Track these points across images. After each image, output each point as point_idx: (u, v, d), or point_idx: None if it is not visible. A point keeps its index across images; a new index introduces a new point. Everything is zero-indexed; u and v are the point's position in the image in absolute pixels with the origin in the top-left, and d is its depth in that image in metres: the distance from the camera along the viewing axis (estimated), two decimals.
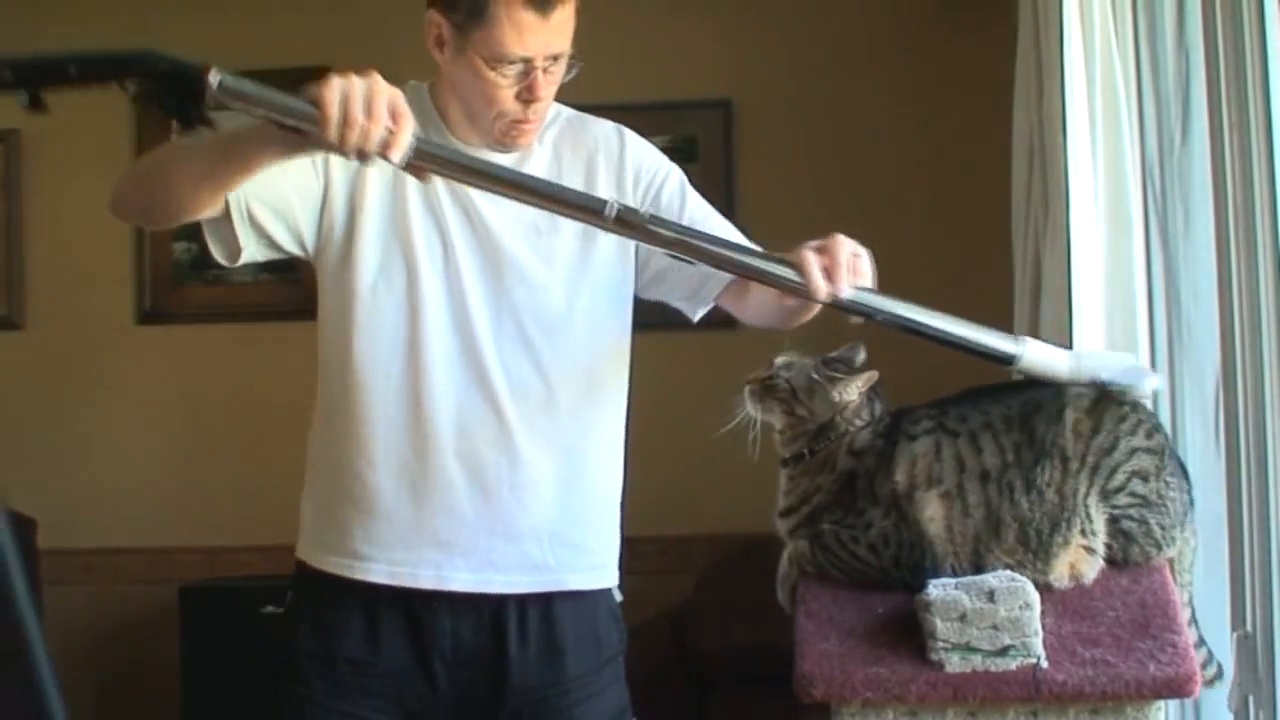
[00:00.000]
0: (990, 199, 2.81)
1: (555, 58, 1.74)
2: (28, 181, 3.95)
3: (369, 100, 1.46)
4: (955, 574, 1.84)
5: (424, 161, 1.54)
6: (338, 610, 1.80)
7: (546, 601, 1.82)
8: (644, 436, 3.65)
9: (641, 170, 1.87)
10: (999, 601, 1.72)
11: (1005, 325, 2.59)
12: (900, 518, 1.86)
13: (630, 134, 1.90)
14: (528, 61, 1.71)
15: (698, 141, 3.77)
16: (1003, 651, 1.71)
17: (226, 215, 1.69)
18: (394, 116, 1.47)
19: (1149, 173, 2.30)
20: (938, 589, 1.76)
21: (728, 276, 1.79)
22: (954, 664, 1.72)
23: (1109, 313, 2.28)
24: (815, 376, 1.95)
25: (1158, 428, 1.91)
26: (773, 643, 2.11)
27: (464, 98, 1.77)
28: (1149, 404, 2.21)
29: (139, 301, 3.84)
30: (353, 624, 1.79)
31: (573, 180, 1.82)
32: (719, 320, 3.79)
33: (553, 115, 1.85)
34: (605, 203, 1.62)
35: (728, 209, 3.69)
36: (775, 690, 2.02)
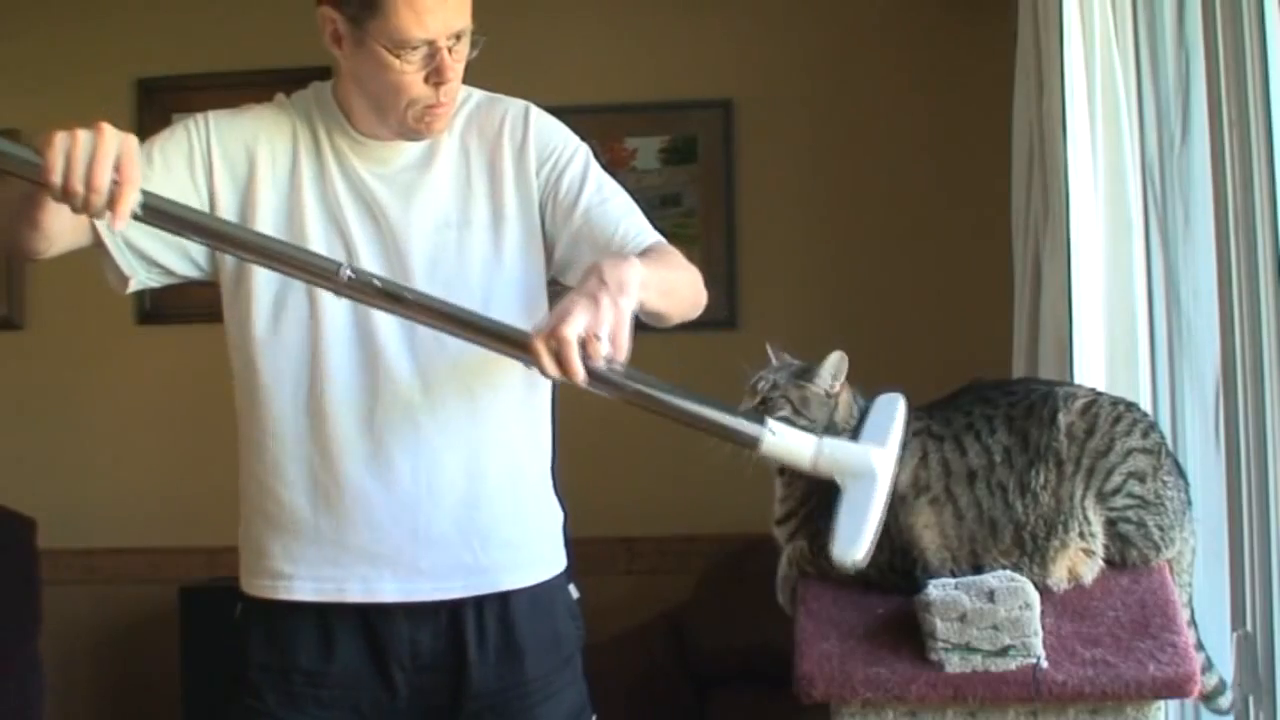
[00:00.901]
0: (990, 199, 2.81)
1: (458, 36, 1.69)
2: None
3: (90, 164, 1.42)
4: (954, 576, 1.84)
5: (154, 217, 1.50)
6: (289, 621, 1.78)
7: (503, 601, 1.79)
8: (644, 437, 3.67)
9: (545, 152, 1.81)
10: (999, 601, 1.72)
11: (1005, 326, 2.60)
12: (892, 519, 1.86)
13: (536, 113, 1.85)
14: (430, 43, 1.66)
15: (698, 141, 3.77)
16: (1003, 651, 1.71)
17: (101, 244, 1.70)
18: (120, 178, 1.43)
19: (1149, 173, 2.30)
20: (938, 589, 1.76)
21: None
22: (954, 664, 1.72)
23: (1109, 313, 2.28)
24: (802, 383, 1.95)
25: (1153, 428, 1.91)
26: (773, 643, 2.11)
27: (371, 92, 1.73)
28: (1146, 399, 2.22)
29: (139, 301, 3.83)
30: (305, 634, 1.77)
31: (478, 167, 1.79)
32: (719, 320, 3.80)
33: (461, 99, 1.81)
34: (338, 266, 1.56)
35: (728, 209, 3.73)
36: (775, 690, 2.02)
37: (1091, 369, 2.23)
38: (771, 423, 1.67)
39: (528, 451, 1.85)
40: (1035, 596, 1.73)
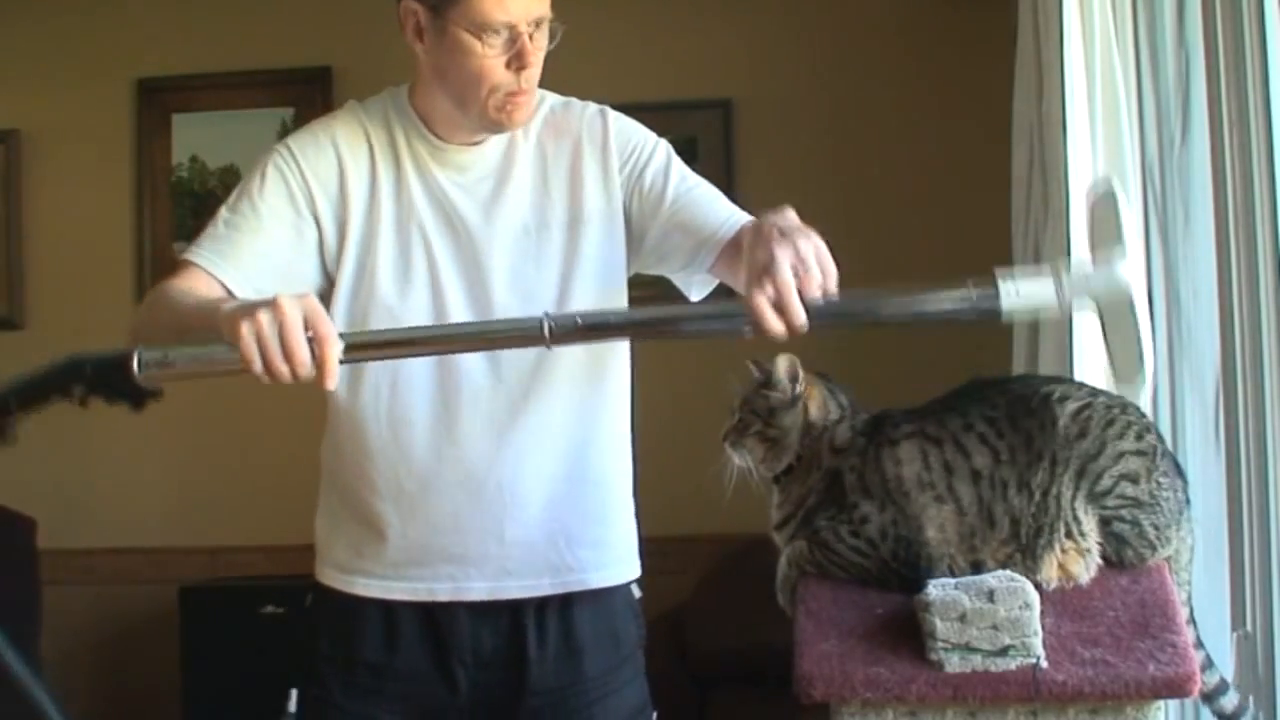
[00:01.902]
0: (990, 199, 2.81)
1: (538, 22, 1.70)
2: (28, 181, 3.94)
3: (283, 340, 1.39)
4: (953, 574, 1.84)
5: (359, 354, 1.50)
6: (356, 615, 1.80)
7: (564, 602, 1.81)
8: (644, 436, 3.66)
9: (626, 150, 1.83)
10: (999, 601, 1.72)
11: (1005, 325, 2.59)
12: (898, 511, 1.86)
13: (614, 115, 1.87)
14: (512, 28, 1.68)
15: (698, 141, 3.77)
16: (1002, 651, 1.71)
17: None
18: (316, 339, 1.40)
19: (1149, 173, 2.30)
20: (937, 589, 1.76)
21: (722, 241, 1.75)
22: (954, 664, 1.72)
23: None
24: (765, 393, 1.97)
25: (1149, 429, 1.91)
26: (773, 643, 2.11)
27: (452, 83, 1.72)
28: (1146, 399, 2.22)
29: (139, 301, 3.83)
30: (370, 629, 1.79)
31: (557, 170, 1.80)
32: None
33: (536, 103, 1.82)
34: (539, 321, 1.47)
35: None
36: (775, 690, 2.02)
37: (1092, 369, 2.23)
38: (1004, 284, 1.52)
39: (620, 457, 1.89)
40: (1035, 596, 1.74)
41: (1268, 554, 2.09)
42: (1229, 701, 1.91)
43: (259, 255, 1.71)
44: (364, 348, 1.51)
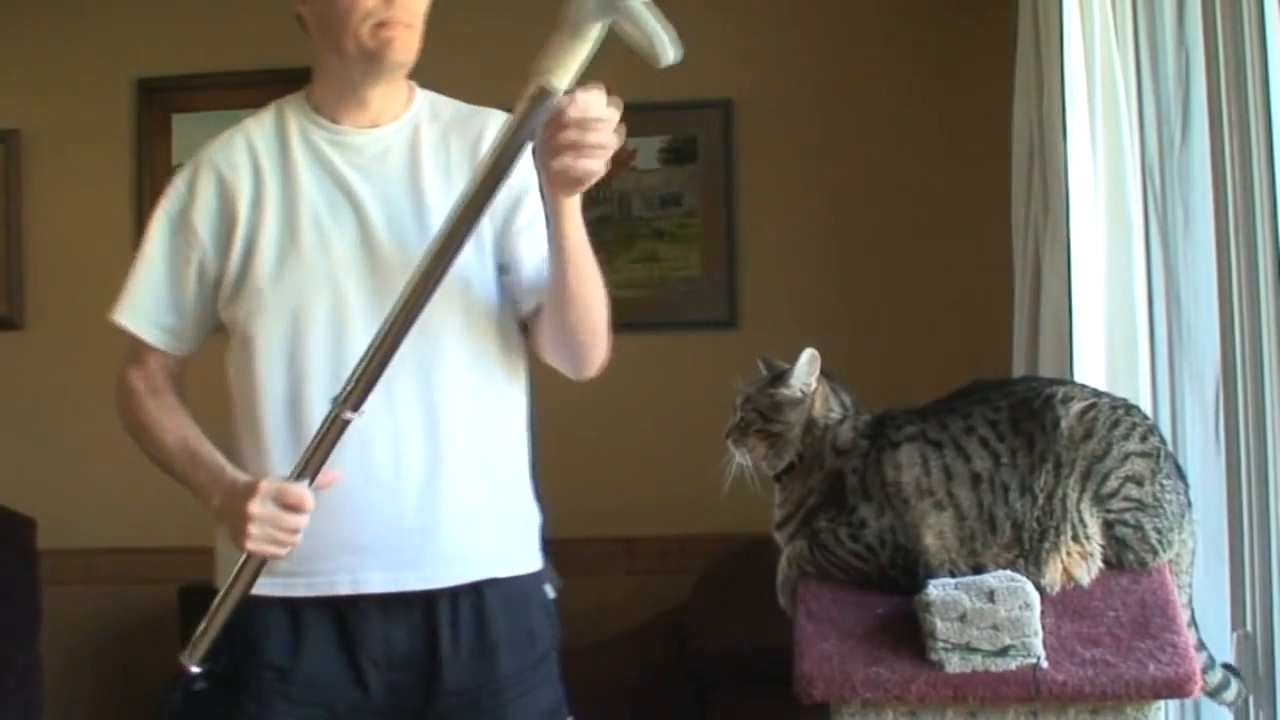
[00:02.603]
0: (990, 199, 2.81)
1: None
2: (28, 181, 3.94)
3: (278, 525, 1.67)
4: (954, 576, 1.84)
5: (314, 471, 1.67)
6: (260, 617, 1.78)
7: (478, 595, 1.79)
8: (644, 436, 3.67)
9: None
10: (999, 601, 1.72)
11: (1005, 326, 2.60)
12: (896, 518, 1.86)
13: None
14: None
15: (698, 141, 3.77)
16: (1003, 651, 1.71)
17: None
18: (291, 506, 1.66)
19: (1149, 173, 2.30)
20: (938, 589, 1.76)
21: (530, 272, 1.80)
22: (954, 664, 1.72)
23: (1109, 313, 2.28)
24: (772, 390, 1.96)
25: (1153, 431, 1.92)
26: (773, 643, 2.11)
27: (330, 26, 1.78)
28: (1146, 399, 2.22)
29: None
30: (275, 630, 1.78)
31: (460, 165, 1.81)
32: (719, 320, 3.80)
33: (448, 104, 1.88)
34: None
35: (728, 209, 3.72)
36: (775, 690, 2.01)
37: (1091, 369, 2.23)
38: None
39: (517, 445, 1.87)
40: (1035, 596, 1.74)
41: (1268, 554, 2.09)
42: (1230, 694, 1.92)
43: (168, 304, 1.88)
44: (313, 464, 1.67)
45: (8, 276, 3.92)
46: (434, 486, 1.77)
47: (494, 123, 1.84)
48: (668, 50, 1.60)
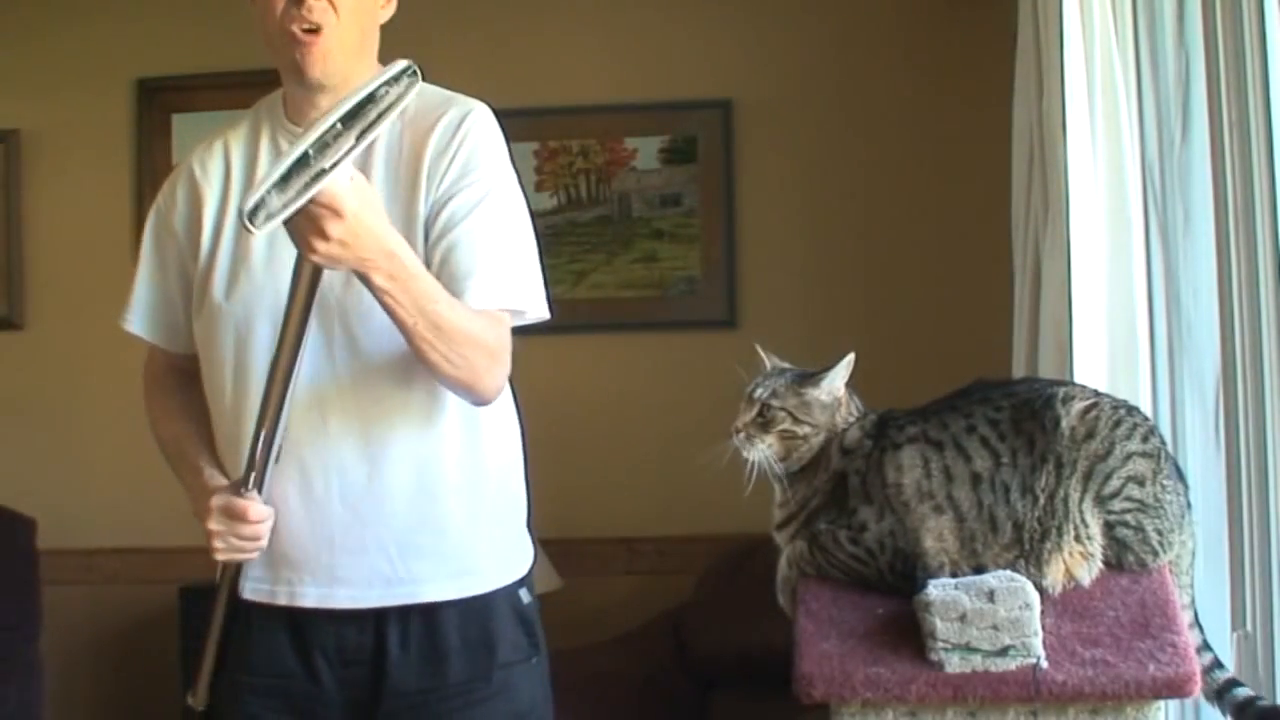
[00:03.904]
0: (990, 199, 2.81)
1: None
2: (28, 181, 3.94)
3: (240, 533, 1.72)
4: (955, 577, 1.84)
5: (262, 475, 1.71)
6: (228, 615, 1.82)
7: (430, 610, 1.77)
8: (644, 436, 3.67)
9: (458, 168, 1.75)
10: (999, 601, 1.72)
11: (1005, 326, 2.60)
12: (897, 521, 1.86)
13: (478, 128, 1.78)
14: None
15: (698, 141, 3.77)
16: (1003, 651, 1.71)
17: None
18: (242, 520, 1.72)
19: (1149, 173, 2.30)
20: (938, 589, 1.76)
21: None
22: (954, 664, 1.72)
23: (1109, 312, 2.28)
24: (802, 390, 1.94)
25: (1153, 431, 1.92)
26: (773, 643, 2.11)
27: (262, 34, 1.77)
28: (1146, 400, 2.22)
29: None
30: (236, 627, 1.81)
31: (407, 158, 1.76)
32: (719, 320, 3.80)
33: (417, 102, 1.76)
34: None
35: (728, 209, 3.73)
36: (775, 690, 2.01)
37: (1091, 369, 2.23)
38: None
39: (469, 461, 1.79)
40: (1035, 596, 1.73)
41: (1268, 554, 2.09)
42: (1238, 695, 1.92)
43: (163, 303, 1.88)
44: (258, 467, 1.70)
45: (8, 276, 3.92)
46: (367, 507, 1.74)
47: (453, 111, 1.79)
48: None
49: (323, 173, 1.45)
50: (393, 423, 1.74)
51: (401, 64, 1.53)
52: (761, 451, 1.92)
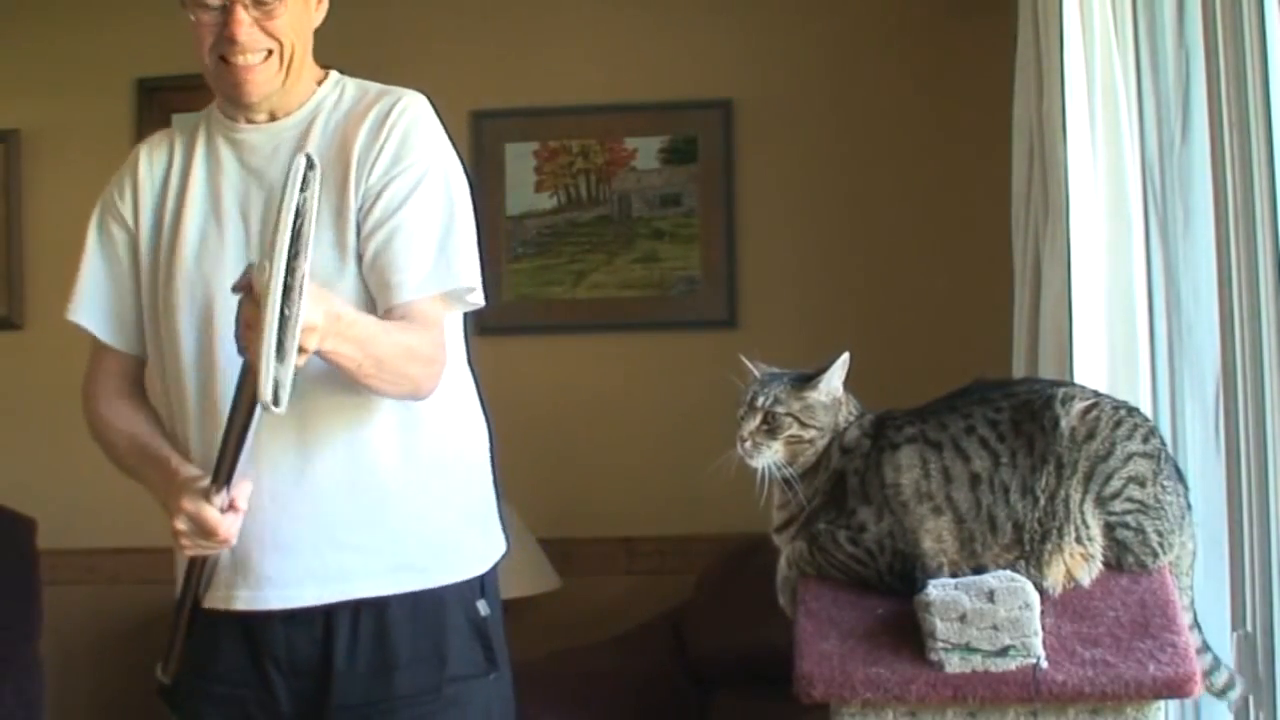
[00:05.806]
0: (990, 199, 2.81)
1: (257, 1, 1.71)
2: (28, 181, 3.94)
3: (205, 533, 1.68)
4: (955, 577, 1.84)
5: (225, 480, 1.67)
6: (189, 622, 1.82)
7: (379, 610, 1.75)
8: (644, 436, 3.66)
9: (388, 158, 1.75)
10: (999, 601, 1.72)
11: (1005, 326, 2.60)
12: (896, 522, 1.86)
13: (408, 117, 1.78)
14: (225, 6, 1.70)
15: (698, 141, 3.77)
16: (1003, 651, 1.71)
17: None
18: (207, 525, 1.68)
19: (1149, 173, 2.30)
20: (938, 589, 1.76)
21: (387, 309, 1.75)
22: (954, 664, 1.72)
23: (1109, 313, 2.28)
24: (804, 393, 1.94)
25: (1154, 432, 1.92)
26: (773, 643, 2.10)
27: (199, 61, 1.78)
28: (1146, 399, 2.22)
29: None
30: (198, 632, 1.81)
31: (336, 150, 1.77)
32: (719, 320, 3.80)
33: (354, 94, 1.83)
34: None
35: (728, 209, 3.73)
36: (775, 690, 2.01)
37: (1091, 369, 2.23)
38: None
39: (392, 458, 1.77)
40: (1035, 596, 1.73)
41: (1268, 554, 2.09)
42: (1235, 693, 1.92)
43: (113, 295, 1.87)
44: (224, 471, 1.67)
45: (8, 276, 3.92)
46: (297, 504, 1.74)
47: (383, 102, 1.79)
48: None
49: (297, 318, 1.47)
50: (327, 420, 1.73)
51: (301, 163, 1.51)
52: (769, 458, 1.91)
